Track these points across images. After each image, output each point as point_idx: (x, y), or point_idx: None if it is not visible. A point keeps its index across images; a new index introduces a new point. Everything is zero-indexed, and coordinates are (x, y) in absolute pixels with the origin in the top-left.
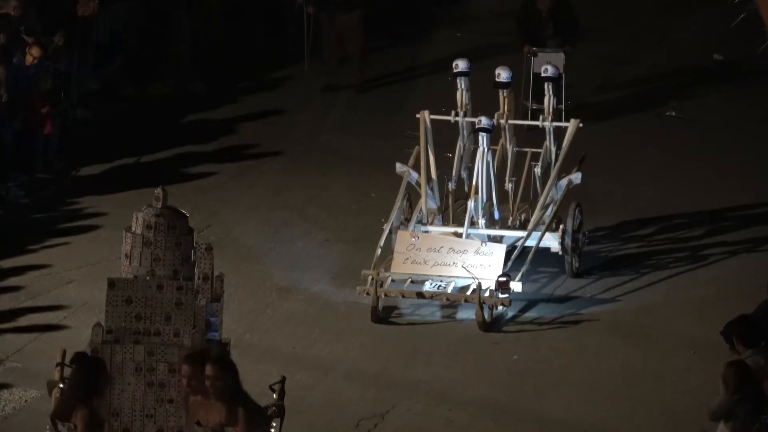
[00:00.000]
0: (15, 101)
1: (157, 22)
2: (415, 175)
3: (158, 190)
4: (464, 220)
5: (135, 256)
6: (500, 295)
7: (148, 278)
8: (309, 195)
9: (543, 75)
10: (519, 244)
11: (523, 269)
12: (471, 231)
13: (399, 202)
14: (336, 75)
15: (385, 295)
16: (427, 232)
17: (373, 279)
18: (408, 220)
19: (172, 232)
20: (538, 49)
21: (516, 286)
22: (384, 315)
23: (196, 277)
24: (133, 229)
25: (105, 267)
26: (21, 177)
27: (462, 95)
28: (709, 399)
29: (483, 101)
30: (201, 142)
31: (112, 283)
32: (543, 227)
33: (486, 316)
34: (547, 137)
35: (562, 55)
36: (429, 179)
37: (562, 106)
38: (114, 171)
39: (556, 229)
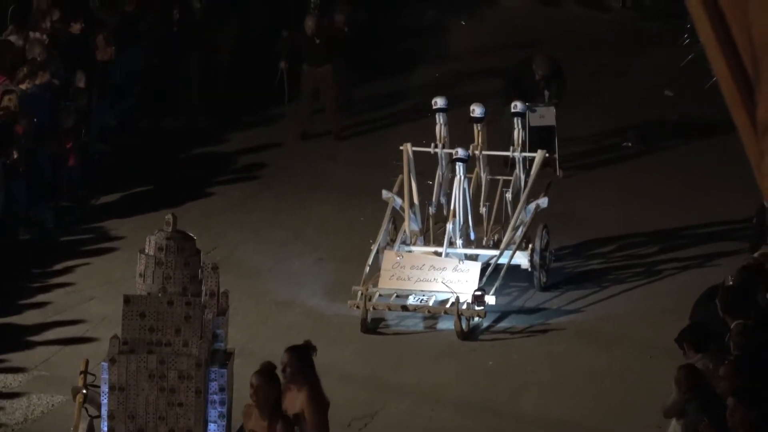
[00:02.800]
0: (42, 132)
1: (169, 62)
2: (399, 200)
3: (169, 216)
4: (444, 240)
5: (148, 275)
6: (476, 308)
7: (160, 295)
8: (304, 218)
9: (512, 111)
10: (492, 261)
11: (497, 284)
12: (450, 250)
13: (385, 224)
14: (311, 124)
15: (374, 308)
16: (410, 251)
17: (362, 294)
18: (393, 240)
19: (182, 253)
20: (533, 105)
21: (490, 299)
22: (373, 326)
23: (204, 293)
24: (147, 250)
25: (122, 285)
26: (49, 204)
27: (441, 129)
28: (664, 397)
29: (459, 134)
30: (208, 171)
31: (127, 300)
32: (514, 246)
33: (464, 327)
34: (517, 166)
35: (552, 110)
36: (412, 204)
37: (556, 155)
38: (130, 198)
39: (525, 248)
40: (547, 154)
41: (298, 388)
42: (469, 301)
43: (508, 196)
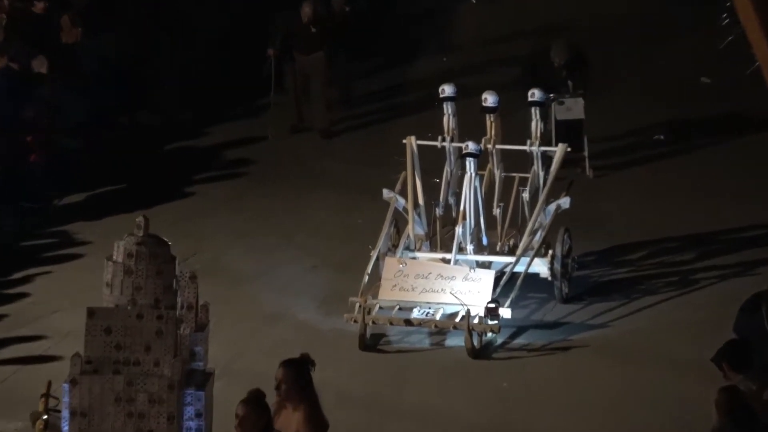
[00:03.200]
0: None
1: (146, 48)
2: (402, 201)
3: (140, 218)
4: (452, 246)
5: (116, 284)
6: (489, 322)
7: (129, 307)
8: (296, 221)
9: (530, 99)
10: (508, 269)
11: (513, 295)
12: (459, 257)
13: (386, 228)
14: (302, 117)
15: (373, 322)
16: (414, 258)
17: (360, 306)
18: (395, 246)
19: (154, 260)
20: (558, 96)
21: (505, 312)
22: (372, 342)
23: (180, 305)
24: (115, 257)
25: (89, 296)
26: (6, 205)
27: (449, 120)
28: (702, 425)
29: (470, 126)
30: (189, 169)
31: (91, 313)
32: (532, 253)
33: (475, 343)
34: (535, 162)
35: (581, 101)
36: (416, 205)
37: (586, 153)
38: (99, 198)
39: (545, 255)
40: (569, 149)
41: (294, 407)
42: (481, 314)
43: (525, 195)
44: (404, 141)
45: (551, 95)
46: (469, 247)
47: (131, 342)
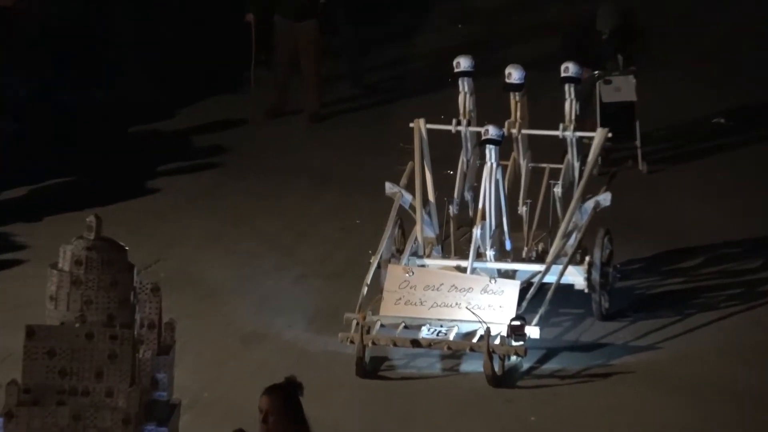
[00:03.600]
0: None
1: (97, 16)
2: (408, 196)
3: (90, 218)
4: (469, 251)
5: (62, 298)
6: (513, 343)
7: (77, 326)
8: (281, 222)
9: (563, 75)
10: (536, 280)
11: (542, 311)
12: (477, 265)
13: (389, 229)
14: (284, 99)
15: (373, 343)
16: (423, 266)
17: (358, 324)
18: (400, 251)
19: (107, 268)
20: (604, 73)
21: (533, 331)
22: (372, 367)
23: (139, 324)
24: (60, 265)
25: (31, 311)
26: None
27: (465, 99)
28: None
29: (490, 107)
30: (151, 158)
31: (30, 332)
32: (565, 260)
33: (496, 369)
34: (569, 150)
35: (632, 80)
36: (426, 202)
37: (638, 142)
38: (45, 194)
39: (580, 262)
40: (610, 135)
41: None
42: (504, 333)
43: (558, 190)
44: (411, 125)
45: (596, 72)
46: (489, 253)
47: (79, 367)
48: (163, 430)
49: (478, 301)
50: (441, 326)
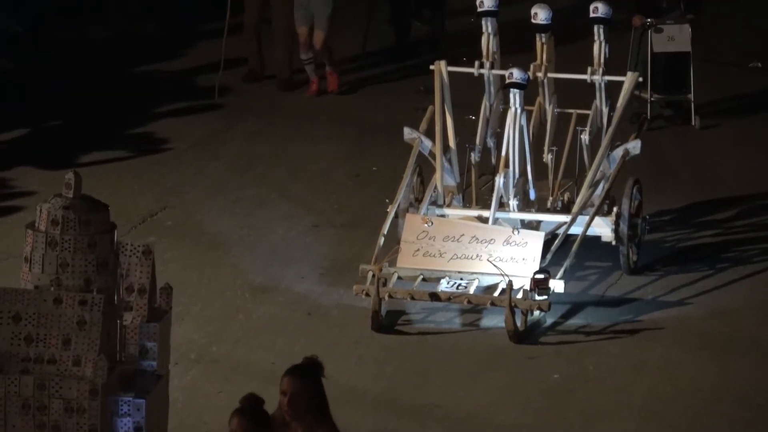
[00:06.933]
0: None
1: None
2: (428, 142)
3: (69, 175)
4: (491, 201)
5: (36, 260)
6: (537, 297)
7: (52, 288)
8: (292, 168)
9: (592, 15)
10: (561, 231)
11: (566, 264)
12: (500, 215)
13: (408, 177)
14: (261, 61)
15: (390, 296)
16: (443, 216)
17: (374, 276)
18: (419, 200)
19: (85, 229)
20: (657, 21)
21: (557, 285)
22: (388, 322)
23: (128, 288)
24: (37, 225)
25: (5, 274)
26: None
27: (488, 41)
28: None
29: (515, 49)
30: (152, 99)
31: None
32: (592, 210)
33: (518, 324)
34: (597, 95)
35: (687, 28)
36: (446, 148)
37: (691, 96)
38: (42, 137)
39: (608, 213)
40: (649, 91)
41: (305, 430)
42: (527, 287)
43: (585, 137)
44: (432, 67)
45: (648, 20)
46: (513, 203)
47: (46, 334)
48: (139, 401)
49: (500, 253)
50: (461, 279)
